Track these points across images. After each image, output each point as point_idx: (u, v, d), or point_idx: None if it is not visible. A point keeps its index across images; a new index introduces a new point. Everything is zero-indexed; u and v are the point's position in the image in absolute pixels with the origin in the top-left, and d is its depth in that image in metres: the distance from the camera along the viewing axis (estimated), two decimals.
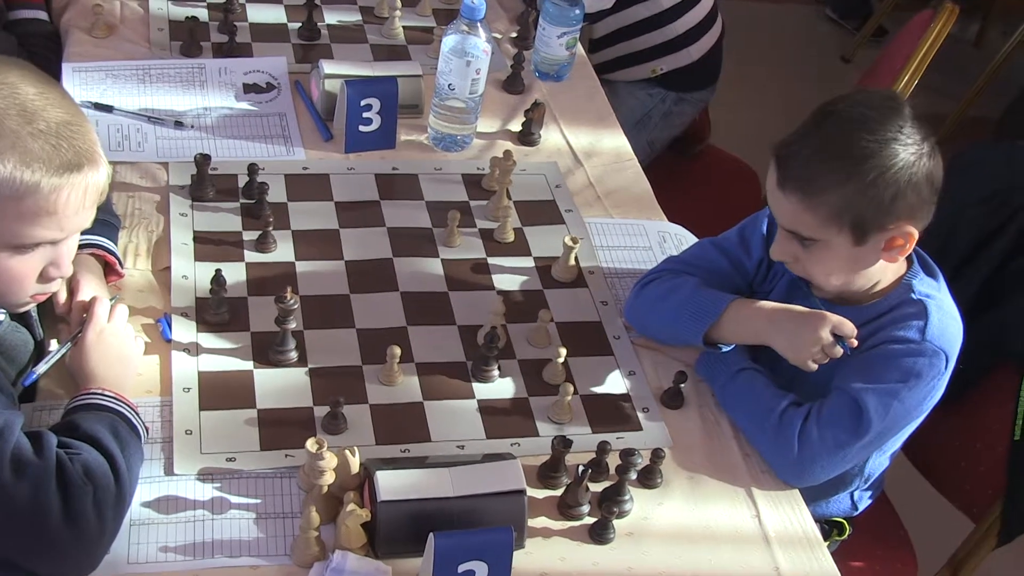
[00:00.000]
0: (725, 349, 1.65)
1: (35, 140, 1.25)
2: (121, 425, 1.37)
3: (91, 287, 1.54)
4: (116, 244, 1.64)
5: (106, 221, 1.62)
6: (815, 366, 1.56)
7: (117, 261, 1.62)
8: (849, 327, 1.54)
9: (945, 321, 1.57)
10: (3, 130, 1.23)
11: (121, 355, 1.48)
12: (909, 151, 1.47)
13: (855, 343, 1.55)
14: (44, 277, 1.35)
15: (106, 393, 1.41)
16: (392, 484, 1.37)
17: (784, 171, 1.52)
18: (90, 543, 1.27)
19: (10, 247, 1.29)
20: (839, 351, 1.55)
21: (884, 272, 1.58)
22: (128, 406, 1.41)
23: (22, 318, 1.47)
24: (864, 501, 1.83)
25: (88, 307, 1.49)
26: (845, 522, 1.82)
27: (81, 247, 1.49)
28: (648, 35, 2.57)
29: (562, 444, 1.49)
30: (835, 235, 1.50)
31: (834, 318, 1.55)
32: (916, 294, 1.58)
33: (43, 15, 2.22)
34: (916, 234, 1.51)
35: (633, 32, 2.58)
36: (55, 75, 1.98)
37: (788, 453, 1.55)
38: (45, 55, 2.11)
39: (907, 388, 1.54)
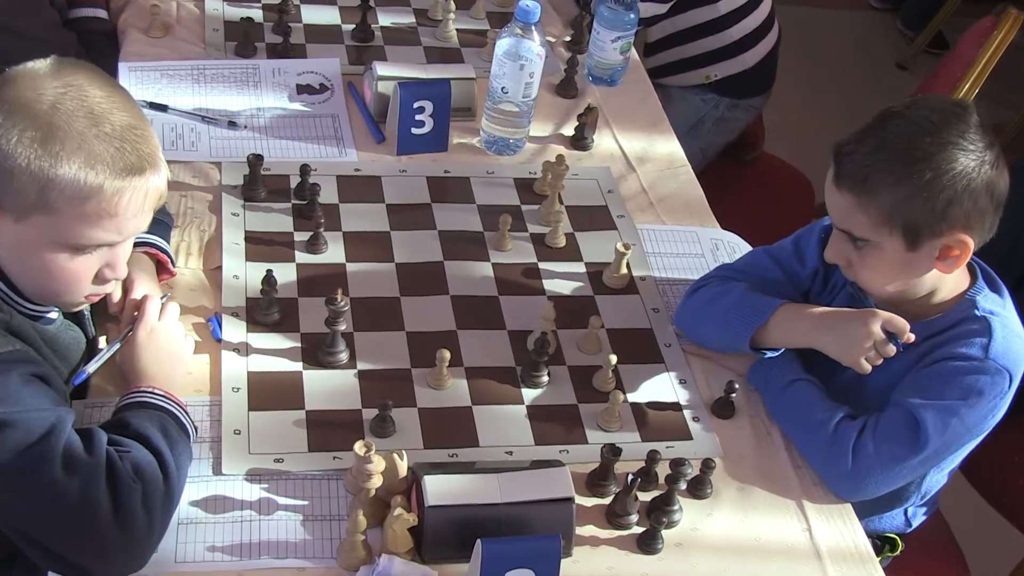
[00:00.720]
0: (771, 355, 1.63)
1: (100, 142, 1.26)
2: (170, 424, 1.38)
3: (143, 285, 1.54)
4: (168, 243, 1.65)
5: (159, 220, 1.62)
6: (869, 367, 1.53)
7: (169, 260, 1.63)
8: (901, 323, 1.51)
9: (1010, 339, 1.54)
10: (71, 132, 1.25)
11: (171, 353, 1.49)
12: (969, 158, 1.44)
13: (911, 337, 1.51)
14: (99, 278, 1.37)
15: (156, 391, 1.42)
16: (440, 489, 1.36)
17: (840, 168, 1.50)
18: (138, 541, 1.28)
19: (69, 247, 1.30)
20: (892, 349, 1.52)
21: (941, 283, 1.55)
22: (178, 405, 1.42)
23: (74, 316, 1.49)
24: (918, 517, 1.79)
25: (140, 305, 1.50)
26: (898, 538, 1.79)
27: (134, 245, 1.50)
28: (703, 40, 2.55)
29: (611, 452, 1.47)
30: (886, 237, 1.48)
31: (884, 314, 1.52)
32: (980, 310, 1.55)
33: (103, 13, 2.25)
34: (972, 245, 1.48)
35: (688, 37, 2.55)
36: (112, 73, 2.00)
37: (842, 466, 1.52)
38: (103, 53, 2.13)
39: (967, 406, 1.51)
